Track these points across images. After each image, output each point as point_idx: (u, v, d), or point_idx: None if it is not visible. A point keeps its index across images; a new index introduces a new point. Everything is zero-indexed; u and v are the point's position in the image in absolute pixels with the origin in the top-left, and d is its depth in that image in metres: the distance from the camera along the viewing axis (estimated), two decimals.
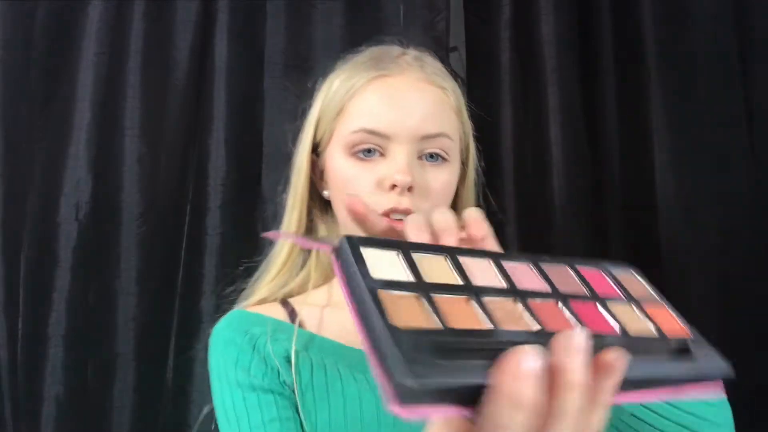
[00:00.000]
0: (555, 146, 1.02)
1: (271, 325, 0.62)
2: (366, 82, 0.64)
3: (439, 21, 1.07)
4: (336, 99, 0.65)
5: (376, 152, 0.62)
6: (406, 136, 0.61)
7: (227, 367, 0.60)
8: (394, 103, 0.62)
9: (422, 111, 0.62)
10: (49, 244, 1.03)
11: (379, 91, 0.63)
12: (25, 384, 1.01)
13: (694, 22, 1.00)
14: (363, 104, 0.63)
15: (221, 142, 1.06)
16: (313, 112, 0.70)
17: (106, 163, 1.05)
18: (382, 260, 0.30)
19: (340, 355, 0.61)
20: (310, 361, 0.60)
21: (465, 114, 0.70)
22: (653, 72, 1.00)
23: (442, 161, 0.64)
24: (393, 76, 0.64)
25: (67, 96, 1.06)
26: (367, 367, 0.58)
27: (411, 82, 0.64)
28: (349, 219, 0.63)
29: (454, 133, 0.65)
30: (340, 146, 0.64)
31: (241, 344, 0.60)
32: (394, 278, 0.30)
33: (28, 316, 1.03)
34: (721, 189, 0.97)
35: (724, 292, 0.96)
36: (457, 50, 1.11)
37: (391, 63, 0.65)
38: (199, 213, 1.06)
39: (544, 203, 1.03)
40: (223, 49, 1.07)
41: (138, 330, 1.02)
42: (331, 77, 0.70)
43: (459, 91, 0.70)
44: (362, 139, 0.62)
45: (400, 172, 0.59)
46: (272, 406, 0.58)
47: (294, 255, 0.70)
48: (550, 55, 1.03)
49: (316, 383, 0.59)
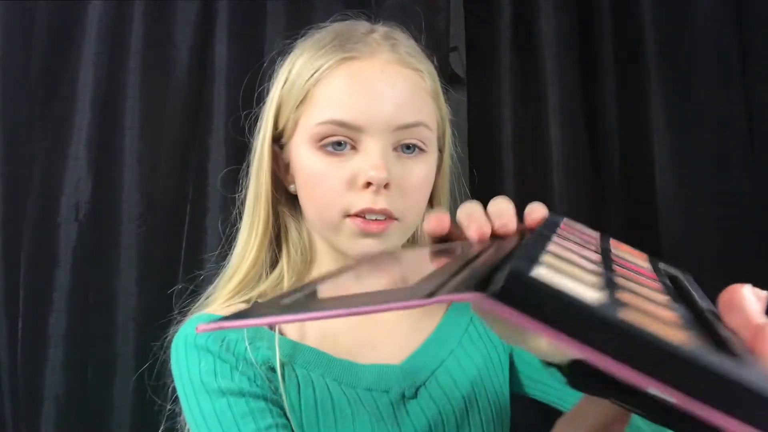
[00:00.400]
0: (555, 146, 1.02)
1: (250, 330, 0.56)
2: (332, 65, 0.56)
3: (439, 21, 1.07)
4: (298, 84, 0.58)
5: (347, 145, 0.56)
6: (379, 127, 0.54)
7: (204, 377, 0.53)
8: (364, 90, 0.55)
9: (396, 98, 0.56)
10: (49, 244, 1.03)
11: (348, 77, 0.56)
12: (25, 384, 1.01)
13: (694, 23, 1.00)
14: (330, 92, 0.56)
15: (221, 142, 1.06)
16: (272, 97, 0.62)
17: (106, 163, 1.05)
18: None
19: (327, 367, 0.56)
20: (296, 379, 0.55)
21: (441, 97, 0.64)
22: (653, 72, 1.00)
23: (420, 152, 0.58)
24: (362, 58, 0.57)
25: (67, 96, 1.06)
26: (356, 380, 0.56)
27: (383, 66, 0.57)
28: (318, 217, 0.57)
29: (432, 121, 0.59)
30: (306, 138, 0.57)
31: (218, 351, 0.54)
32: None
33: (28, 316, 1.02)
34: (721, 189, 0.97)
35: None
36: (457, 50, 1.11)
37: (359, 42, 0.58)
38: (199, 213, 1.06)
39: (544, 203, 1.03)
40: (223, 49, 1.07)
41: (138, 330, 1.02)
42: (291, 57, 0.62)
43: (435, 72, 0.63)
44: (331, 131, 0.55)
45: (375, 167, 0.53)
46: (266, 413, 0.52)
47: (264, 252, 0.62)
48: (550, 55, 1.03)
49: (305, 404, 0.54)
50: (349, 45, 0.58)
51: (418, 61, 0.60)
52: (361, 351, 0.59)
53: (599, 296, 0.22)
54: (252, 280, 0.62)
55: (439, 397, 0.57)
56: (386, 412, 0.55)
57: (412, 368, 0.59)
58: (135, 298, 1.03)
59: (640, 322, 0.19)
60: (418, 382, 0.58)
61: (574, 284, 0.23)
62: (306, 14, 1.09)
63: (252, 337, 0.56)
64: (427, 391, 0.58)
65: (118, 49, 1.07)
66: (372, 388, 0.56)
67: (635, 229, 1.02)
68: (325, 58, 0.57)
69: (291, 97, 0.59)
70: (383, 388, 0.57)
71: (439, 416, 0.57)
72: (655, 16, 1.01)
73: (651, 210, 0.99)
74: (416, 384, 0.58)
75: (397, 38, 0.61)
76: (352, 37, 0.59)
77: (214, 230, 1.04)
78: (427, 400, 0.57)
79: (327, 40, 0.59)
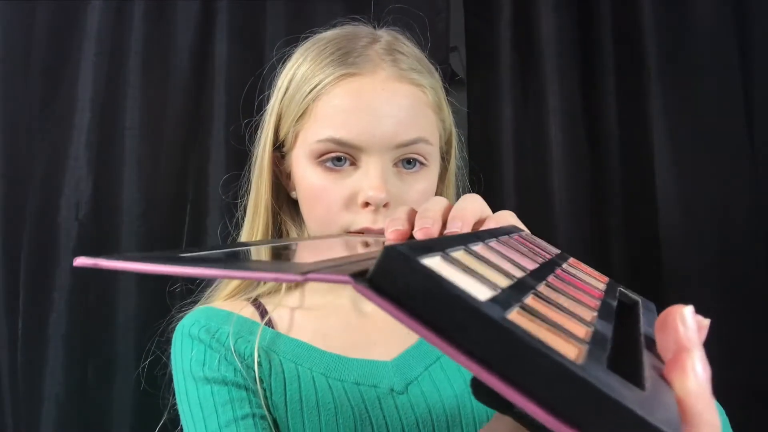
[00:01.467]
0: (555, 146, 1.03)
1: (241, 323, 0.58)
2: (332, 81, 0.56)
3: (439, 21, 1.07)
4: (298, 98, 0.58)
5: (347, 161, 0.56)
6: (379, 146, 0.55)
7: (193, 365, 0.56)
8: (365, 109, 0.55)
9: (396, 117, 0.56)
10: (49, 244, 1.03)
11: (348, 95, 0.56)
12: (25, 384, 1.01)
13: (694, 23, 1.00)
14: (330, 109, 0.56)
15: (221, 142, 1.06)
16: (272, 105, 0.62)
17: (106, 163, 1.05)
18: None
19: (315, 360, 0.57)
20: (282, 374, 0.56)
21: (446, 108, 0.63)
22: (653, 72, 1.00)
23: (420, 166, 0.58)
24: (363, 74, 0.57)
25: (67, 96, 1.06)
26: (345, 374, 0.56)
27: (383, 83, 0.57)
28: (320, 231, 0.59)
29: (433, 135, 0.60)
30: (306, 153, 0.57)
31: (209, 342, 0.56)
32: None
33: (28, 316, 1.03)
34: (721, 189, 0.97)
35: (724, 292, 0.96)
36: (457, 50, 1.11)
37: (360, 57, 0.58)
38: (199, 213, 1.06)
39: (544, 203, 1.03)
40: (223, 49, 1.07)
41: (138, 330, 1.02)
42: (291, 64, 0.62)
43: (437, 85, 0.62)
44: (330, 149, 0.56)
45: (374, 188, 0.54)
46: (245, 402, 0.54)
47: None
48: (550, 55, 1.03)
49: (290, 398, 0.55)
50: (351, 59, 0.57)
51: (420, 75, 0.60)
52: (353, 348, 0.59)
53: (493, 295, 0.20)
54: (252, 283, 0.64)
55: (430, 394, 0.57)
56: (372, 406, 0.55)
57: (404, 365, 0.58)
58: (135, 298, 1.03)
59: (525, 326, 0.18)
60: (409, 378, 0.58)
61: (470, 280, 0.21)
62: (306, 14, 1.09)
63: (244, 329, 0.58)
64: (418, 387, 0.57)
65: (118, 49, 1.07)
66: (360, 383, 0.56)
67: (635, 229, 1.02)
68: (325, 73, 0.57)
69: (291, 110, 0.59)
70: (372, 382, 0.56)
71: (429, 414, 0.56)
72: (655, 17, 1.01)
73: (651, 210, 0.99)
74: (407, 380, 0.57)
75: (399, 49, 0.61)
76: (353, 50, 0.58)
77: (213, 230, 1.04)
78: (417, 396, 0.57)
79: (328, 51, 0.59)
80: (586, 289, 0.30)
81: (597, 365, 0.18)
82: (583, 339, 0.21)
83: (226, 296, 0.63)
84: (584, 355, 0.19)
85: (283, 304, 0.62)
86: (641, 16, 1.01)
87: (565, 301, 0.25)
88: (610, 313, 0.27)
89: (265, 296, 0.64)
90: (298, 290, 0.65)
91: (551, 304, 0.23)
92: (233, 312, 0.60)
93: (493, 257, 0.26)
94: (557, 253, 0.37)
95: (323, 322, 0.61)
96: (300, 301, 0.63)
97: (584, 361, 0.18)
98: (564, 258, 0.36)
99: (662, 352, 0.22)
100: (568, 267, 0.34)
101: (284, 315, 0.61)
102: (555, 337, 0.19)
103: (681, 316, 0.21)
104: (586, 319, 0.24)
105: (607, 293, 0.31)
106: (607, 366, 0.19)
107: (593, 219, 1.04)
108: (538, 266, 0.29)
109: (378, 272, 0.18)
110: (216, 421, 0.53)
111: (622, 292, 0.33)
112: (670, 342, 0.21)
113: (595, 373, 0.16)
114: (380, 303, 0.17)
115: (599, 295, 0.30)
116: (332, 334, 0.60)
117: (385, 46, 0.60)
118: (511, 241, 0.33)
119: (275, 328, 0.60)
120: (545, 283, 0.26)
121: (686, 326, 0.21)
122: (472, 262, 0.24)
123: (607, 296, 0.30)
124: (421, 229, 0.32)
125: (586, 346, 0.20)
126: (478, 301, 0.17)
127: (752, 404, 0.93)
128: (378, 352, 0.59)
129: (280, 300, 0.63)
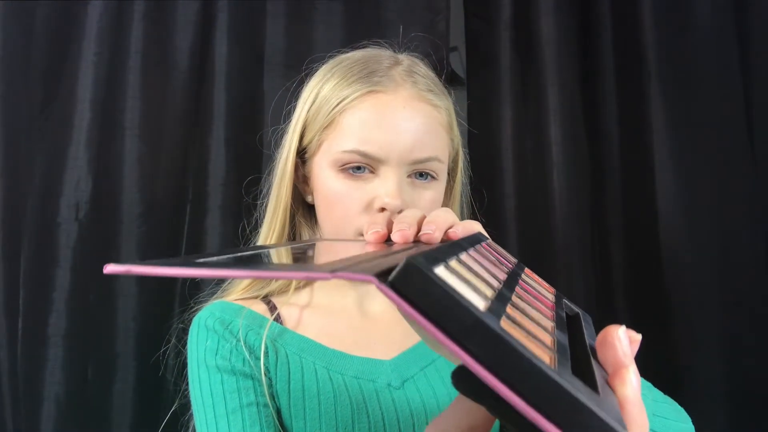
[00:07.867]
0: (555, 146, 1.03)
1: (252, 317, 0.63)
2: (359, 96, 0.62)
3: (439, 21, 1.07)
4: (325, 109, 0.64)
5: (366, 169, 0.62)
6: (398, 159, 0.61)
7: (207, 354, 0.60)
8: (387, 124, 0.61)
9: (414, 135, 0.61)
10: (49, 244, 1.03)
11: (373, 111, 0.62)
12: (25, 384, 1.01)
13: (694, 23, 1.01)
14: (355, 122, 0.62)
15: (221, 142, 1.06)
16: (299, 115, 0.68)
17: (106, 163, 1.05)
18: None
19: (318, 355, 0.62)
20: (287, 366, 0.60)
21: (455, 129, 0.70)
22: (653, 72, 1.00)
23: (432, 179, 0.64)
24: (387, 92, 0.63)
25: (67, 96, 1.06)
26: (345, 368, 0.60)
27: (404, 102, 0.63)
28: (334, 234, 0.64)
29: (444, 153, 0.65)
30: (329, 161, 0.63)
31: (222, 333, 0.61)
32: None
33: (28, 316, 1.03)
34: (721, 189, 0.97)
35: (724, 292, 0.96)
36: (457, 50, 1.12)
37: (384, 76, 0.64)
38: (199, 213, 1.06)
39: (544, 203, 1.03)
40: (223, 49, 1.07)
41: (138, 330, 1.02)
42: (318, 80, 0.68)
43: (451, 106, 0.69)
44: (354, 159, 0.61)
45: (390, 195, 0.59)
46: (250, 391, 0.58)
47: None
48: (550, 56, 1.04)
49: (293, 389, 0.59)
50: (376, 78, 0.63)
51: (436, 97, 0.66)
52: (355, 347, 0.63)
53: (487, 305, 0.24)
54: (264, 280, 0.68)
55: (424, 391, 0.61)
56: (370, 398, 0.59)
57: (402, 364, 0.63)
58: (135, 298, 1.03)
59: (515, 335, 0.21)
60: (406, 376, 0.62)
61: (468, 290, 0.25)
62: (306, 14, 1.09)
63: (254, 323, 0.63)
64: (413, 385, 0.61)
65: (118, 49, 1.07)
66: (359, 377, 0.61)
67: (635, 229, 1.02)
68: (352, 88, 0.63)
69: (317, 121, 0.64)
70: (370, 377, 0.61)
71: (423, 408, 0.60)
72: (655, 17, 1.01)
73: (651, 210, 0.99)
74: (403, 377, 0.62)
75: (418, 72, 0.67)
76: (378, 70, 0.64)
77: (213, 230, 1.04)
78: (412, 392, 0.61)
79: (356, 70, 0.65)
80: (542, 300, 0.34)
81: (565, 371, 0.22)
82: (550, 347, 0.25)
83: (239, 292, 0.68)
84: (555, 361, 0.23)
85: (292, 302, 0.67)
86: (641, 17, 1.01)
87: (531, 311, 0.29)
88: (562, 323, 0.31)
89: (275, 294, 0.68)
90: (306, 289, 0.69)
91: (524, 314, 0.27)
92: (245, 306, 0.64)
93: (476, 267, 0.30)
94: (515, 262, 0.41)
95: (329, 321, 0.66)
96: (308, 300, 0.68)
97: (557, 367, 0.22)
98: (521, 267, 0.40)
99: (603, 363, 0.27)
100: (526, 277, 0.37)
101: (293, 312, 0.66)
102: (531, 345, 0.22)
103: (617, 336, 0.26)
104: (548, 329, 0.28)
105: (557, 304, 0.35)
106: (571, 372, 0.23)
107: (593, 219, 1.04)
108: (507, 276, 0.34)
109: (399, 277, 0.21)
110: (224, 407, 0.57)
111: (566, 305, 0.37)
112: (610, 356, 0.26)
113: (565, 378, 0.21)
114: (399, 303, 0.21)
115: (552, 306, 0.34)
116: (336, 333, 0.65)
117: (405, 68, 0.66)
118: (482, 249, 0.37)
119: (284, 324, 0.64)
120: (515, 293, 0.30)
121: (622, 344, 0.26)
122: (464, 271, 0.28)
123: (557, 307, 0.34)
124: (399, 231, 0.36)
125: (554, 354, 0.24)
126: (481, 311, 0.21)
127: (753, 403, 0.94)
128: (378, 352, 0.64)
129: (288, 298, 0.68)
